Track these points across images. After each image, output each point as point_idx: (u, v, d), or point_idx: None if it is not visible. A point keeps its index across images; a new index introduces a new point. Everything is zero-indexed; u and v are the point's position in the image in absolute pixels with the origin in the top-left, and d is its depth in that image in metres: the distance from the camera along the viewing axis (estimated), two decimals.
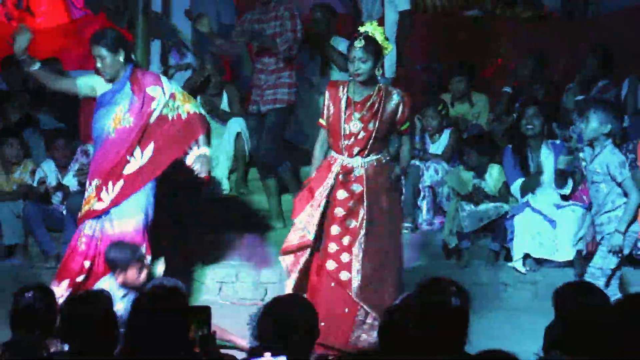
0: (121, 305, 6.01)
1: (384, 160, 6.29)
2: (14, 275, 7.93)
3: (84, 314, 4.25)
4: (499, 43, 10.39)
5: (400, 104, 6.29)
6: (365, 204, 6.17)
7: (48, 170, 8.43)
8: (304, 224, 6.16)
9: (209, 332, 4.23)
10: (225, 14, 9.60)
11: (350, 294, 6.09)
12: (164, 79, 6.86)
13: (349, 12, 9.35)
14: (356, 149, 6.20)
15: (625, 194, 6.54)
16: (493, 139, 8.59)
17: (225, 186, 8.85)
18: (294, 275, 6.21)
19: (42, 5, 9.77)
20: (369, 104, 6.20)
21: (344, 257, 6.13)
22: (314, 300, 5.78)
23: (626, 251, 6.63)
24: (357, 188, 6.17)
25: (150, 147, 6.61)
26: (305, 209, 6.17)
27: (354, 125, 6.14)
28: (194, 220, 8.14)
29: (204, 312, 4.22)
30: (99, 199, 6.60)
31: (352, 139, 6.16)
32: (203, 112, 7.04)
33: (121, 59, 6.62)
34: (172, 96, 6.72)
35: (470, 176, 8.19)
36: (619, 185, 6.52)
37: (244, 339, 6.11)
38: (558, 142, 8.08)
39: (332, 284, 6.12)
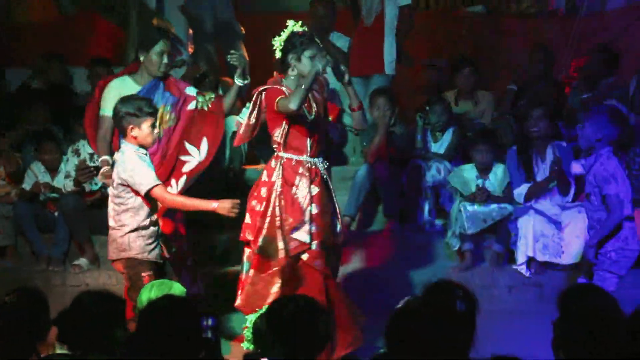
0: None
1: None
2: (3, 277, 7.85)
3: (87, 313, 4.21)
4: (504, 40, 10.35)
5: (324, 99, 6.43)
6: (333, 194, 6.32)
7: (38, 171, 8.34)
8: (291, 231, 6.07)
9: (216, 339, 4.24)
10: (222, 10, 9.50)
11: (337, 287, 6.24)
12: None
13: (347, 8, 9.23)
14: (318, 148, 6.24)
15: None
16: (497, 138, 8.50)
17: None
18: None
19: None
20: (310, 102, 6.20)
21: (335, 255, 6.29)
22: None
23: (623, 272, 6.47)
24: (325, 187, 6.24)
25: (204, 142, 6.80)
26: (283, 217, 6.09)
27: (313, 124, 6.15)
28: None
29: (212, 321, 4.21)
30: None
31: (312, 137, 6.17)
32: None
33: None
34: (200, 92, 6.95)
35: (473, 176, 8.10)
36: (603, 198, 6.38)
37: (209, 202, 6.07)
38: (564, 144, 8.01)
39: (325, 286, 6.12)
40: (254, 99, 6.12)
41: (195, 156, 6.80)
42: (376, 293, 7.43)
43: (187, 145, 6.76)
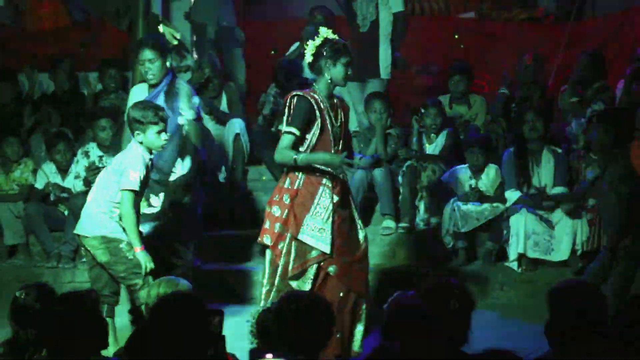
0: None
1: None
2: (15, 275, 8.01)
3: (65, 316, 4.17)
4: (495, 45, 10.41)
5: (348, 108, 6.38)
6: (354, 209, 6.23)
7: (49, 172, 8.48)
8: (311, 239, 5.94)
9: (221, 336, 4.22)
10: (226, 17, 9.60)
11: (358, 296, 6.08)
12: None
13: (343, 15, 9.33)
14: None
15: None
16: (490, 140, 8.59)
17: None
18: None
19: (43, 7, 9.79)
20: (337, 109, 6.15)
21: (357, 266, 6.11)
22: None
23: None
24: (342, 195, 6.10)
25: (188, 158, 7.03)
26: (304, 222, 5.94)
27: (335, 132, 6.08)
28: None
29: (217, 316, 4.20)
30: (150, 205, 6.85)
31: (337, 147, 6.10)
32: None
33: (168, 64, 6.88)
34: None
35: (467, 176, 8.22)
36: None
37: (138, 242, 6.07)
38: (560, 151, 8.10)
39: (342, 294, 6.02)
40: (287, 103, 6.03)
41: (178, 171, 6.95)
42: (372, 289, 7.52)
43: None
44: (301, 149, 6.00)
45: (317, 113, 5.97)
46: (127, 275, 6.11)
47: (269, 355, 3.92)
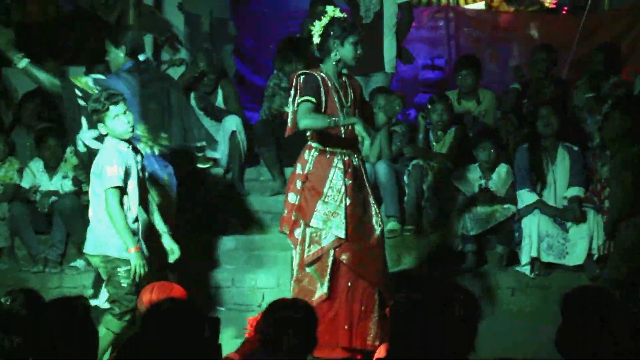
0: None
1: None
2: (0, 279, 7.88)
3: (54, 323, 4.08)
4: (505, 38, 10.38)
5: (361, 87, 6.44)
6: (369, 193, 6.23)
7: (36, 170, 8.32)
8: (324, 224, 5.99)
9: (217, 343, 4.28)
10: (219, 9, 9.57)
11: (369, 285, 6.11)
12: None
13: (345, 6, 9.24)
14: (350, 137, 6.12)
15: None
16: (501, 137, 8.48)
17: (220, 186, 8.75)
18: (327, 278, 6.05)
19: None
20: (347, 88, 6.18)
21: (370, 254, 6.12)
22: (335, 304, 6.04)
23: None
24: (360, 174, 6.18)
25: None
26: (317, 208, 6.02)
27: (346, 112, 6.08)
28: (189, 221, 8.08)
29: (213, 323, 4.24)
30: None
31: (347, 125, 6.06)
32: None
33: (122, 54, 6.77)
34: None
35: (476, 176, 8.08)
36: None
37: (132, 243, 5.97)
38: (576, 148, 7.95)
39: (349, 283, 6.06)
40: (293, 83, 6.05)
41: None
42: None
43: None
44: None
45: (323, 91, 6.02)
46: (113, 298, 6.03)
47: None
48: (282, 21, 10.60)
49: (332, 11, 6.10)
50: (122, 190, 5.89)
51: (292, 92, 6.04)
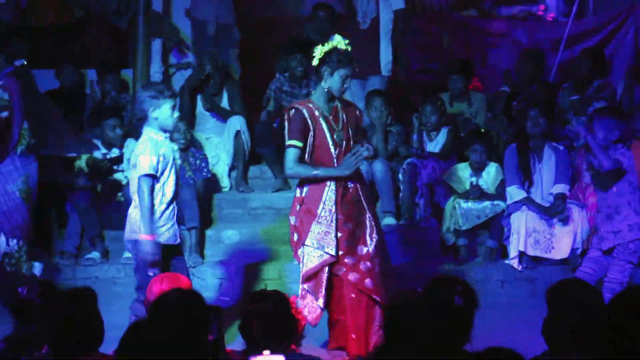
0: None
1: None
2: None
3: (65, 313, 4.15)
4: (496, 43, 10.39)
5: (359, 112, 6.39)
6: (367, 211, 6.20)
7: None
8: (317, 243, 6.02)
9: (220, 333, 4.21)
10: (224, 14, 9.60)
11: (375, 299, 6.09)
12: None
13: (343, 12, 9.30)
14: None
15: None
16: (491, 138, 8.62)
17: (226, 183, 8.89)
18: (322, 294, 6.07)
19: (48, 2, 9.77)
20: (338, 113, 6.17)
21: (363, 266, 6.09)
22: (342, 315, 6.09)
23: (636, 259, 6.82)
24: (355, 197, 6.15)
25: None
26: (311, 229, 6.03)
27: (337, 136, 6.12)
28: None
29: (216, 313, 4.19)
30: None
31: (340, 148, 6.12)
32: None
33: None
34: None
35: (467, 174, 8.23)
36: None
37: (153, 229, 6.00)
38: (562, 147, 8.10)
39: (353, 295, 6.08)
40: (286, 117, 6.14)
41: None
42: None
43: None
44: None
45: (310, 123, 6.05)
46: (139, 284, 6.02)
47: (267, 352, 3.92)
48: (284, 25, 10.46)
49: (337, 41, 6.04)
50: (154, 178, 5.93)
51: (285, 125, 6.12)
